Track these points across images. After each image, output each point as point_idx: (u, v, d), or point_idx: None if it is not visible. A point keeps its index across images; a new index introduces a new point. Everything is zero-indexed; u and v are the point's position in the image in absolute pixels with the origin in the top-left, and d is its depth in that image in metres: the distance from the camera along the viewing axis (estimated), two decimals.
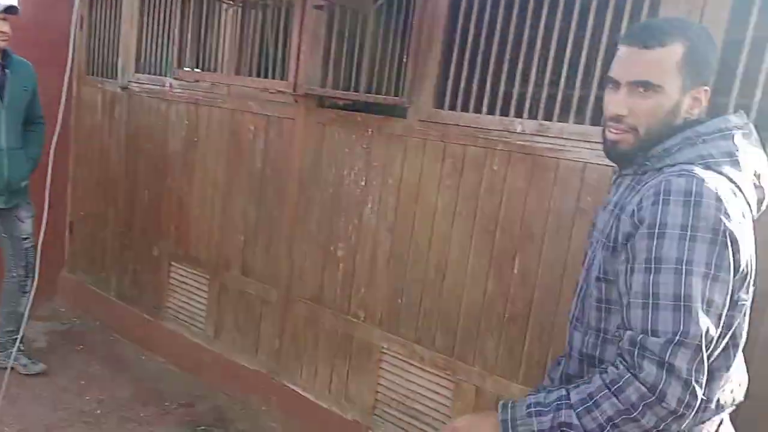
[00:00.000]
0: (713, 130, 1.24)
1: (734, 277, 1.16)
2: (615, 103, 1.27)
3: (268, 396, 3.23)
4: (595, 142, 2.13)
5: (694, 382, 1.10)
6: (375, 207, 2.77)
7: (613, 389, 1.14)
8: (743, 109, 1.38)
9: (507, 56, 2.35)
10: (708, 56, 1.25)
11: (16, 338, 2.95)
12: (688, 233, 1.12)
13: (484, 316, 2.47)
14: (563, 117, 2.24)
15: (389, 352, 2.77)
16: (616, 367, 1.16)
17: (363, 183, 2.80)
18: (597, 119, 2.18)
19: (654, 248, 1.14)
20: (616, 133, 1.29)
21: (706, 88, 1.26)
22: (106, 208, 4.09)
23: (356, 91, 2.79)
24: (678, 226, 1.12)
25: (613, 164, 1.41)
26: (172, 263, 3.69)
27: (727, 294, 1.14)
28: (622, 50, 1.27)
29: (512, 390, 2.40)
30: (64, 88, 2.25)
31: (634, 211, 1.20)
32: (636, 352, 1.13)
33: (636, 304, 1.16)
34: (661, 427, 1.13)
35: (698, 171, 1.17)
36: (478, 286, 2.47)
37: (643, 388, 1.11)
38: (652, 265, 1.14)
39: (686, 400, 1.10)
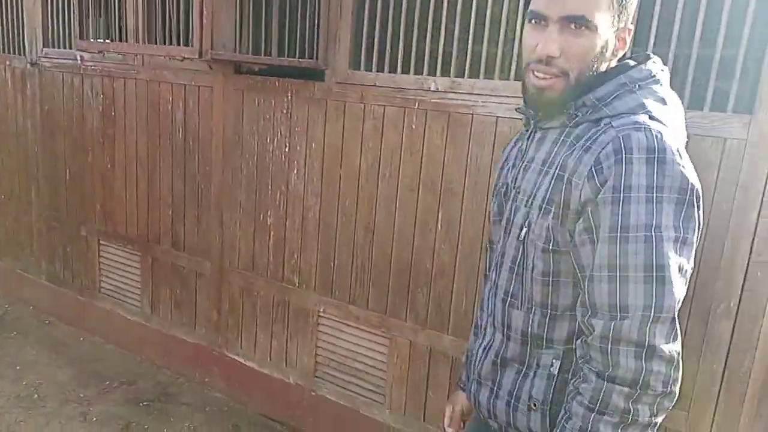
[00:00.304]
0: (647, 75, 1.13)
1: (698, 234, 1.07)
2: (544, 42, 1.10)
3: (210, 368, 3.23)
4: (505, 96, 2.17)
5: (675, 354, 1.03)
6: (301, 172, 2.75)
7: (598, 408, 1.05)
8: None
9: (416, 14, 2.34)
10: None
11: None
12: (654, 195, 1.01)
13: (413, 273, 2.52)
14: (474, 73, 2.26)
15: (325, 315, 2.80)
16: (587, 380, 1.06)
17: (287, 149, 2.78)
18: (505, 74, 2.21)
19: (620, 214, 1.02)
20: (544, 79, 1.12)
21: (630, 27, 1.16)
22: (28, 190, 3.94)
23: (268, 55, 2.73)
24: (644, 188, 1.01)
25: (526, 115, 1.26)
26: (102, 242, 3.61)
27: (693, 255, 1.06)
28: None
29: (444, 342, 2.47)
30: None
31: (592, 172, 1.06)
32: (609, 349, 1.03)
33: (601, 277, 1.04)
34: (659, 411, 1.05)
35: (653, 123, 1.06)
36: (406, 244, 2.51)
37: (625, 388, 1.02)
38: (618, 234, 1.03)
39: (672, 376, 1.03)
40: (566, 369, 1.19)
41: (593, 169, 1.06)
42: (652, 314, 1.01)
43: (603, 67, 1.14)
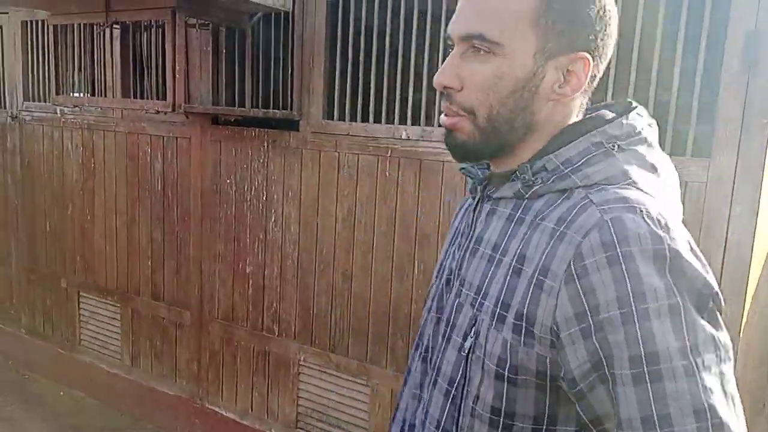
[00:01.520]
0: (629, 131, 0.84)
1: None
2: (443, 70, 0.86)
3: (192, 420, 3.18)
4: None
5: None
6: (278, 220, 2.77)
7: None
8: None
9: (386, 64, 2.40)
10: (579, 7, 0.82)
11: None
12: (679, 302, 0.71)
13: (391, 320, 2.51)
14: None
15: (306, 364, 2.78)
16: None
17: (264, 198, 2.79)
18: None
19: (640, 339, 0.70)
20: (448, 116, 0.87)
21: (584, 56, 0.83)
22: (8, 243, 3.92)
23: (243, 106, 2.78)
24: (662, 294, 0.71)
25: (471, 177, 0.97)
26: (82, 294, 3.58)
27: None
28: None
29: None
30: None
31: (572, 272, 0.75)
32: None
33: None
34: None
35: (647, 201, 0.77)
36: (383, 289, 2.52)
37: None
38: (646, 368, 0.70)
39: None
40: None
41: (573, 267, 0.75)
42: None
43: (542, 111, 0.85)
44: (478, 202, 0.94)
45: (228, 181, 2.89)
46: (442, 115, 0.89)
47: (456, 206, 2.26)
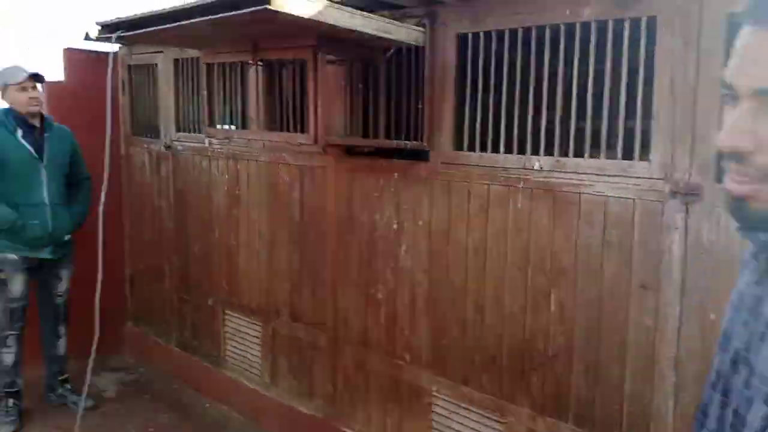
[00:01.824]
0: None
1: None
2: (730, 128, 0.72)
3: None
4: (614, 176, 2.11)
5: None
6: (409, 249, 2.78)
7: None
8: None
9: (517, 95, 2.34)
10: None
11: (62, 378, 3.80)
12: None
13: (527, 355, 2.44)
14: (578, 151, 2.21)
15: (438, 395, 2.76)
16: None
17: (395, 226, 2.82)
18: (613, 152, 2.14)
19: None
20: (739, 182, 0.73)
21: None
22: (162, 263, 4.27)
23: (376, 137, 2.83)
24: None
25: (753, 243, 0.82)
26: (227, 312, 3.81)
27: None
28: (745, 36, 0.72)
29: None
30: (107, 150, 2.65)
31: None
32: None
33: None
34: None
35: None
36: (517, 323, 2.45)
37: None
38: None
39: None
40: None
41: None
42: None
43: None
44: (764, 273, 0.79)
45: (360, 208, 2.96)
46: (730, 181, 0.75)
47: (592, 240, 2.15)
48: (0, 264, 3.45)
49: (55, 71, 4.15)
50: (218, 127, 3.18)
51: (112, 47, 2.80)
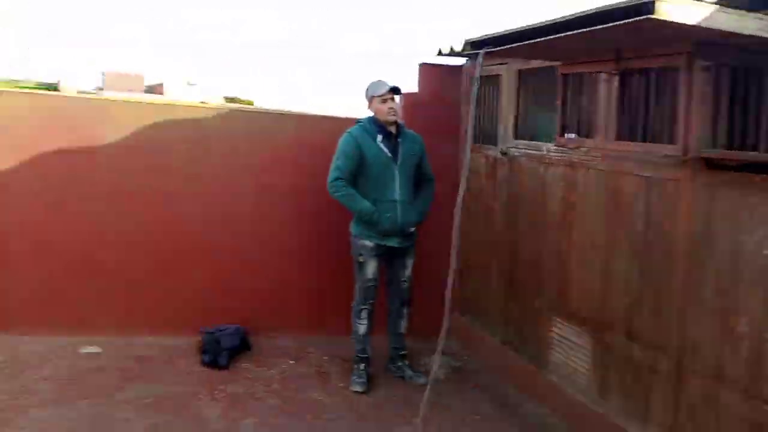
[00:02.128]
0: None
1: None
2: None
3: None
4: None
5: None
6: None
7: None
8: None
9: None
10: None
11: (402, 354, 4.29)
12: None
13: None
14: None
15: None
16: None
17: (767, 251, 2.50)
18: None
19: None
20: None
21: None
22: (490, 260, 4.46)
23: (742, 148, 2.52)
24: None
25: None
26: (555, 318, 3.82)
27: None
28: None
29: None
30: (466, 159, 2.98)
31: None
32: None
33: None
34: None
35: None
36: None
37: None
38: None
39: None
40: None
41: None
42: None
43: None
44: None
45: (721, 228, 2.68)
46: None
47: None
48: (360, 249, 4.02)
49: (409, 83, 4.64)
50: (566, 136, 3.18)
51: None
